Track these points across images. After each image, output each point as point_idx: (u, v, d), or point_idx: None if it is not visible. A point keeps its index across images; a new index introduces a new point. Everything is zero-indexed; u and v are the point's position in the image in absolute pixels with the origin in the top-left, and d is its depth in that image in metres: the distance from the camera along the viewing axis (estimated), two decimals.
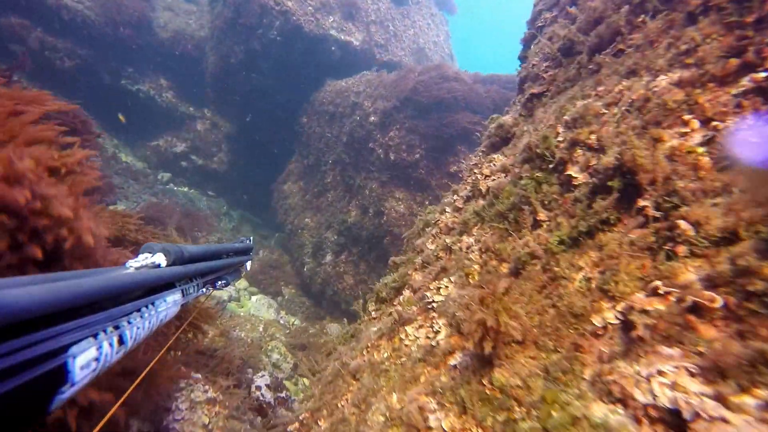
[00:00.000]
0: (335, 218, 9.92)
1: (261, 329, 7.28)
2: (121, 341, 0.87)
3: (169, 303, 1.19)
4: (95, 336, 0.78)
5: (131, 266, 1.13)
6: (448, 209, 4.14)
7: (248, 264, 2.65)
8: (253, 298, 8.81)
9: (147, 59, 13.40)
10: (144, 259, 1.19)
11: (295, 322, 9.14)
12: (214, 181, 14.44)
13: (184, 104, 14.25)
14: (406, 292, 3.70)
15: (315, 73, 10.95)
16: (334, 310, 9.92)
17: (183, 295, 1.31)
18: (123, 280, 0.94)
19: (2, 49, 11.66)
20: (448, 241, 3.53)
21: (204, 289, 1.59)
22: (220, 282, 1.89)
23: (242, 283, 9.01)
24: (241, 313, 7.80)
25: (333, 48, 10.58)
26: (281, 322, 8.50)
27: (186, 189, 14.07)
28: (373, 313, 4.12)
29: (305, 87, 11.12)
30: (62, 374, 0.67)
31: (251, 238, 2.96)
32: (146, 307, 1.04)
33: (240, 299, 8.18)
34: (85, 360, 0.73)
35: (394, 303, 3.80)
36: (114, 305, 0.90)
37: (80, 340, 0.73)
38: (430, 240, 4.01)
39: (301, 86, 11.19)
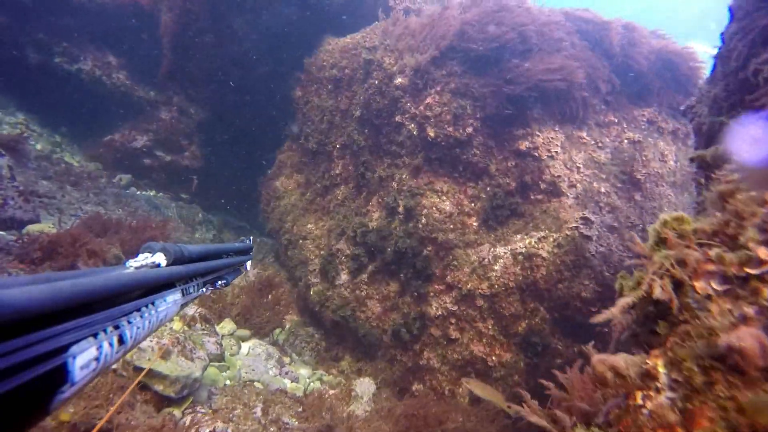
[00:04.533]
0: (350, 223, 7.21)
1: (259, 412, 4.59)
2: (122, 341, 0.85)
3: (169, 303, 1.16)
4: (95, 336, 0.76)
5: (131, 266, 1.12)
6: None
7: (248, 264, 2.46)
8: (244, 347, 6.10)
9: (86, 30, 10.42)
10: (144, 258, 1.18)
11: (303, 373, 6.48)
12: (188, 181, 11.60)
13: (143, 87, 11.30)
14: None
15: (308, 30, 8.15)
16: (355, 346, 7.28)
17: (183, 295, 1.29)
18: (123, 279, 0.93)
19: None
20: None
21: (204, 289, 1.53)
22: (220, 282, 1.78)
23: (227, 326, 6.28)
24: (227, 382, 5.09)
25: None
26: (287, 384, 5.81)
27: (152, 193, 11.22)
28: None
29: (296, 50, 8.32)
30: (62, 374, 0.66)
31: (251, 238, 2.79)
32: (146, 306, 1.02)
33: (224, 355, 5.46)
34: (85, 360, 0.71)
35: None
36: (114, 305, 0.88)
37: (80, 340, 0.72)
38: None
39: (291, 49, 8.38)
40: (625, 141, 6.43)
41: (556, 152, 5.88)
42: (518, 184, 6.03)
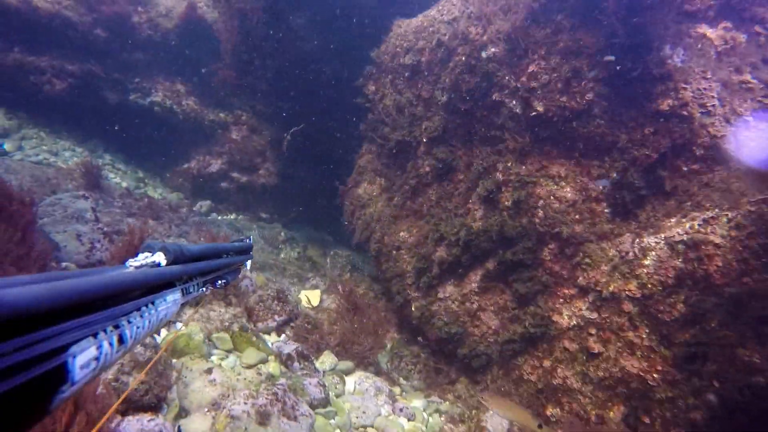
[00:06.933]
0: (449, 226, 6.25)
1: None
2: (122, 340, 0.84)
3: (169, 302, 1.15)
4: (95, 335, 0.75)
5: (131, 265, 1.09)
6: None
7: (248, 263, 2.41)
8: (349, 382, 5.34)
9: (154, 62, 10.39)
10: (144, 258, 1.16)
11: (418, 405, 5.60)
12: (266, 199, 11.25)
13: (212, 110, 11.13)
14: None
15: (374, 16, 7.32)
16: (469, 365, 6.29)
17: (183, 295, 1.28)
18: (123, 279, 0.92)
19: None
20: None
21: (204, 288, 1.54)
22: (220, 281, 1.78)
23: (327, 360, 5.56)
24: None
25: None
26: (405, 424, 4.95)
27: (232, 216, 11.00)
28: None
29: (363, 41, 7.51)
30: (62, 373, 0.65)
31: (251, 237, 2.66)
32: (146, 306, 1.00)
33: (329, 398, 4.71)
34: (85, 359, 0.70)
35: None
36: (114, 304, 0.86)
37: (80, 340, 0.70)
38: None
39: (357, 41, 7.59)
40: None
41: (713, 106, 4.52)
42: (661, 155, 4.74)
